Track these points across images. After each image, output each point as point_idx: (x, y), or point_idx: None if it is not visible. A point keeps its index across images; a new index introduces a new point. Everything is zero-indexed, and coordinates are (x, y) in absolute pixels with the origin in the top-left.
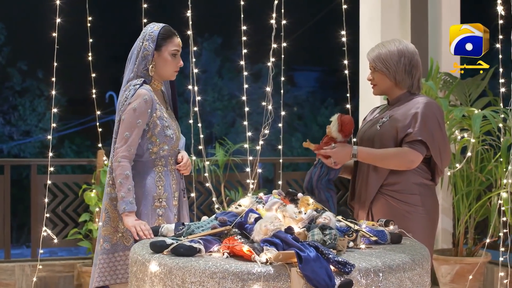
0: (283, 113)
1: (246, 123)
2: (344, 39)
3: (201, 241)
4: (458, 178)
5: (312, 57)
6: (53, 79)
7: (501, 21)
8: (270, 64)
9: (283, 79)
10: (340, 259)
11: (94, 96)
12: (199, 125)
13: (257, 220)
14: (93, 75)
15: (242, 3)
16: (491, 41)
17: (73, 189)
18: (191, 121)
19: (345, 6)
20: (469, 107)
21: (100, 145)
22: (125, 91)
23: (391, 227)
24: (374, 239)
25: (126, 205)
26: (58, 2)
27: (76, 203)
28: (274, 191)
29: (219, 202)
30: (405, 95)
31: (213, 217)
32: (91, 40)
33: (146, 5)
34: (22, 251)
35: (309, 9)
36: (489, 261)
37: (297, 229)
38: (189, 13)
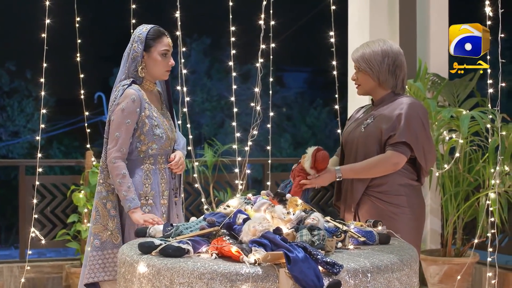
0: (271, 114)
1: (235, 124)
2: (332, 40)
3: (189, 242)
4: (446, 178)
5: (300, 58)
6: (42, 80)
7: (489, 22)
8: (258, 65)
9: (271, 80)
10: (328, 260)
11: (82, 96)
12: (188, 125)
13: (245, 221)
14: (82, 76)
15: (230, 4)
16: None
17: (62, 190)
18: (179, 122)
19: (333, 7)
20: (457, 108)
21: (88, 146)
22: (115, 92)
23: (380, 228)
24: (362, 239)
25: (130, 203)
26: (47, 2)
27: (64, 204)
28: (262, 192)
29: (208, 203)
30: (389, 95)
31: (202, 218)
32: (79, 40)
33: (134, 6)
34: (10, 252)
35: (298, 10)
36: (477, 262)
37: (286, 229)
38: (178, 14)
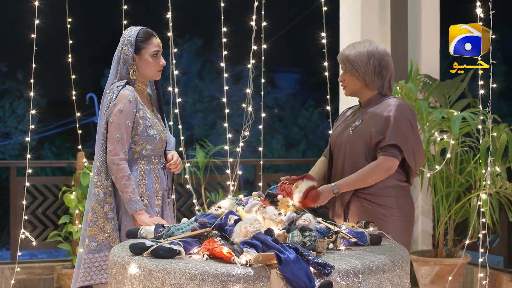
0: (263, 115)
1: (226, 125)
2: (324, 41)
3: (181, 243)
4: (437, 179)
5: (292, 59)
6: (32, 81)
7: (480, 23)
8: (250, 66)
9: (263, 81)
10: (319, 261)
11: (74, 97)
12: (180, 126)
13: (237, 222)
14: (73, 77)
15: (222, 5)
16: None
17: (53, 191)
18: (171, 123)
19: (325, 8)
20: (449, 109)
21: (80, 147)
22: (109, 93)
23: (371, 229)
24: (353, 240)
25: (136, 204)
26: (37, 3)
27: (55, 205)
28: (254, 193)
29: (200, 204)
30: (376, 96)
31: (193, 219)
32: (71, 41)
33: (126, 7)
34: (2, 254)
35: (289, 11)
36: (468, 262)
37: (277, 231)
38: (169, 15)
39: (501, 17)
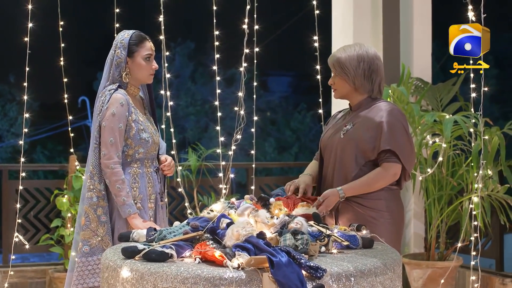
0: (256, 118)
1: (219, 128)
2: (316, 45)
3: (173, 246)
4: (429, 182)
5: (285, 62)
6: (25, 84)
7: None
8: (242, 69)
9: (255, 84)
10: (312, 264)
11: (66, 101)
12: (172, 130)
13: (229, 225)
14: (65, 80)
15: (214, 8)
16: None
17: (45, 194)
18: (163, 126)
19: (317, 11)
20: (441, 112)
21: (72, 150)
22: (101, 97)
23: (363, 232)
24: (345, 244)
25: (130, 208)
26: (29, 6)
27: (48, 209)
28: (246, 196)
29: (192, 207)
30: (366, 100)
31: (185, 222)
32: (63, 44)
33: (118, 10)
34: None
35: (282, 15)
36: (460, 265)
37: (269, 234)
38: (162, 18)
39: (492, 20)
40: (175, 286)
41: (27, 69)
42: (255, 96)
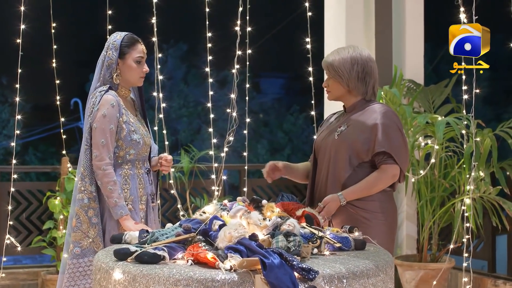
0: (248, 120)
1: (211, 130)
2: (309, 46)
3: (165, 248)
4: (422, 184)
5: (277, 64)
6: (17, 86)
7: None
8: (235, 71)
9: (248, 86)
10: (304, 266)
11: (58, 102)
12: (164, 131)
13: (221, 227)
14: (58, 82)
15: (207, 10)
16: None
17: (37, 196)
18: (156, 128)
19: (309, 13)
20: (433, 114)
21: (64, 152)
22: (92, 98)
23: (356, 234)
24: (338, 245)
25: (122, 210)
26: (22, 8)
27: (40, 211)
28: (238, 198)
29: (184, 209)
30: (360, 102)
31: (178, 224)
32: (55, 46)
33: (110, 12)
34: None
35: (274, 17)
36: (453, 267)
37: (261, 236)
38: (154, 20)
39: (484, 23)
40: None
41: (20, 70)
42: (247, 98)
